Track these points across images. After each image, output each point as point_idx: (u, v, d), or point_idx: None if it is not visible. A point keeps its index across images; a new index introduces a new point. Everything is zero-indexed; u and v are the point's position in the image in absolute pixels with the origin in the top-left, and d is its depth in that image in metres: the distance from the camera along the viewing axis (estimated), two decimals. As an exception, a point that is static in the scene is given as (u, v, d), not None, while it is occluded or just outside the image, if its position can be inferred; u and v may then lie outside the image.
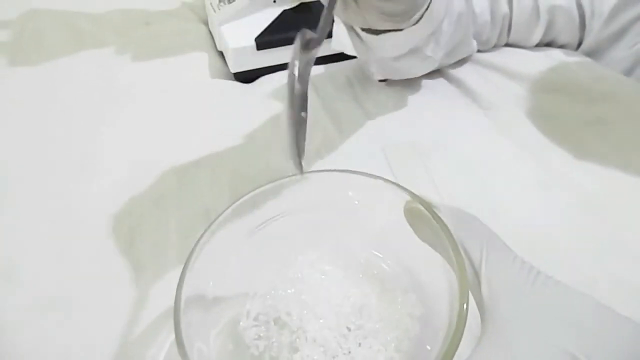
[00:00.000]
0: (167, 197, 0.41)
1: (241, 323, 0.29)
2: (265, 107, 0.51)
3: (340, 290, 0.29)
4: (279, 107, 0.51)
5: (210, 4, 0.61)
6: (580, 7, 0.53)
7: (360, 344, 0.27)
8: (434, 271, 0.26)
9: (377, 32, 0.43)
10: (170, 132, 0.49)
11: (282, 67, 0.56)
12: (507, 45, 0.56)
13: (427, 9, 0.42)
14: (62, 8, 0.71)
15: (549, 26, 0.53)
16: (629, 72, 0.52)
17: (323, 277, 0.30)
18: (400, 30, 0.42)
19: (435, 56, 0.48)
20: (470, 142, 0.45)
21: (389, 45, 0.45)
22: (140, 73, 0.58)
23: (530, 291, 0.22)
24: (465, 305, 0.22)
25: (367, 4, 0.38)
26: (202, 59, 0.59)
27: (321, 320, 0.27)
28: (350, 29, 0.46)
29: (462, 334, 0.22)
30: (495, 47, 0.56)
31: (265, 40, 0.54)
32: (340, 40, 0.51)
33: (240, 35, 0.54)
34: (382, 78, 0.53)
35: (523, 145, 0.44)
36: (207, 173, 0.43)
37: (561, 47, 0.56)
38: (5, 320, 0.33)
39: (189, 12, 0.73)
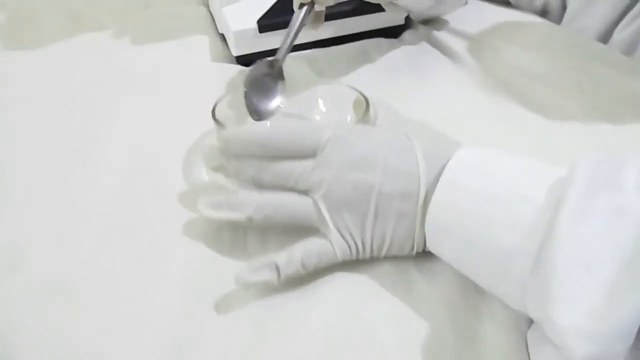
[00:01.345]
0: (169, 181, 0.41)
1: None
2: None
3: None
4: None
5: (211, -15, 0.60)
6: None
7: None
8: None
9: None
10: (170, 116, 0.48)
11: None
12: None
13: None
14: (57, -10, 0.70)
15: None
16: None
17: None
18: None
19: None
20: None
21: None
22: (140, 57, 0.57)
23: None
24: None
25: None
26: (203, 42, 0.59)
27: None
28: None
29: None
30: None
31: (267, 23, 0.53)
32: None
33: (242, 18, 0.53)
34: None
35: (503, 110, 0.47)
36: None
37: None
38: (9, 308, 0.33)
39: (188, -6, 0.71)
